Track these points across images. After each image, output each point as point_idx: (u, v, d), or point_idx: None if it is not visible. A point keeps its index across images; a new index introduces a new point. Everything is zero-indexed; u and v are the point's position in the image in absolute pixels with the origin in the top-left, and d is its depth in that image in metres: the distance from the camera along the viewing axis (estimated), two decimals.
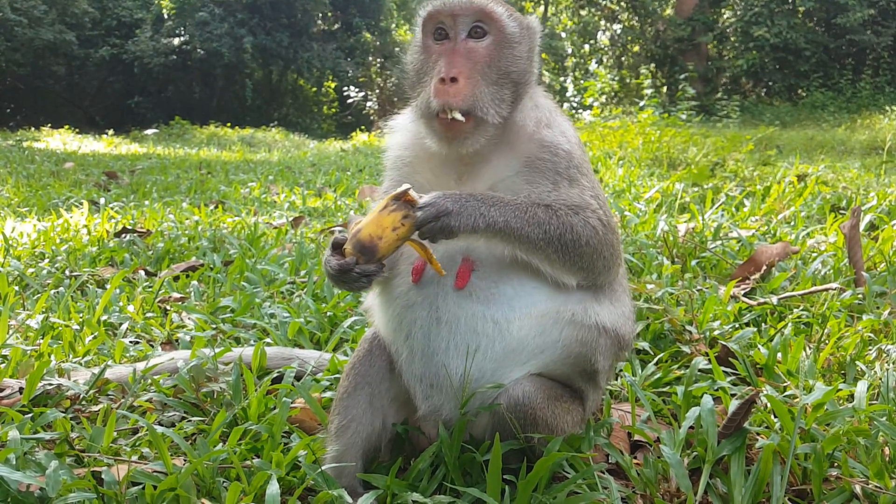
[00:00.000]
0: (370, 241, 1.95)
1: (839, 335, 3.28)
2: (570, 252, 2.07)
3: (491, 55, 2.14)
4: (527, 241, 2.05)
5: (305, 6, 41.25)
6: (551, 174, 2.15)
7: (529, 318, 2.12)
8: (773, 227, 5.76)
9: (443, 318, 2.13)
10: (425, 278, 2.15)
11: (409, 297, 2.18)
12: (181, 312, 3.94)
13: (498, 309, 2.11)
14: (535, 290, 2.14)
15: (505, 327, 2.11)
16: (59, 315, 3.79)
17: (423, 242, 2.04)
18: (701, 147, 12.58)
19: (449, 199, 1.99)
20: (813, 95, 32.99)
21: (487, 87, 2.12)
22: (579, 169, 2.19)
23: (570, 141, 2.22)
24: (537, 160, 2.17)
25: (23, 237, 5.95)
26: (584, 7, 42.21)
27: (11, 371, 3.00)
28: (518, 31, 2.21)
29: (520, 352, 2.14)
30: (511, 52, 2.18)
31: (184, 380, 2.79)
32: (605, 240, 2.13)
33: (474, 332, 2.11)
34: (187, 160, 16.17)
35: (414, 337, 2.17)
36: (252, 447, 2.39)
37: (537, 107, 2.27)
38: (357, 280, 2.02)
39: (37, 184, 10.58)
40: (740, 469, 2.21)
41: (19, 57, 37.40)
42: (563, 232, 2.06)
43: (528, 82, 2.24)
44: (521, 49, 2.21)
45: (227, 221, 6.90)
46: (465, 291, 2.12)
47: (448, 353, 2.13)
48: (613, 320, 2.25)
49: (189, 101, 41.19)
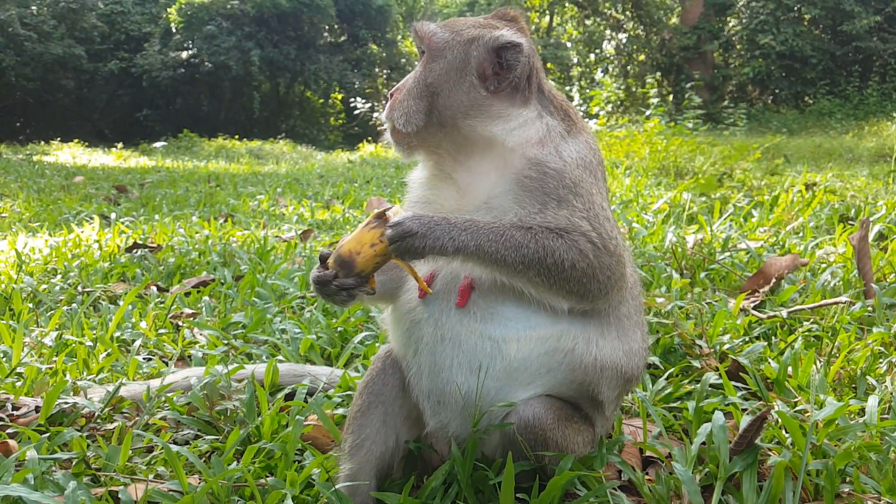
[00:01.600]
0: (349, 255, 2.04)
1: (849, 349, 3.28)
2: (553, 276, 2.05)
3: (422, 70, 2.27)
4: (504, 265, 2.05)
5: (312, 19, 41.51)
6: (539, 194, 2.13)
7: (529, 341, 2.12)
8: (781, 238, 5.76)
9: (446, 336, 2.15)
10: (429, 297, 2.18)
11: (416, 313, 2.22)
12: (193, 328, 3.97)
13: (496, 328, 2.12)
14: (535, 313, 2.13)
15: (504, 347, 2.12)
16: (72, 332, 3.82)
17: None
18: (708, 156, 12.57)
19: (416, 220, 2.04)
20: (820, 103, 32.94)
21: (407, 99, 2.24)
22: (572, 189, 2.13)
23: (565, 160, 2.17)
24: (525, 178, 2.15)
25: (35, 253, 6.00)
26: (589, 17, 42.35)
27: (27, 389, 3.03)
28: (443, 44, 2.25)
29: (522, 371, 2.15)
30: (433, 64, 2.25)
31: (197, 398, 2.81)
32: (598, 263, 2.07)
33: (475, 350, 2.13)
34: (196, 173, 16.27)
35: (421, 353, 2.20)
36: (266, 465, 2.41)
37: (528, 124, 2.22)
38: (336, 293, 2.09)
39: (47, 198, 10.67)
40: (752, 486, 2.22)
41: (29, 71, 37.73)
42: (543, 256, 2.03)
43: (456, 93, 2.22)
44: (443, 62, 2.23)
45: (236, 235, 6.94)
46: (466, 310, 2.14)
47: (452, 371, 2.15)
48: (617, 357, 2.21)
49: (197, 114, 41.45)
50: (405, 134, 2.26)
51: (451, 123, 2.23)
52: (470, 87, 2.21)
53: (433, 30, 2.28)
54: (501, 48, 2.19)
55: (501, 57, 2.20)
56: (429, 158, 2.34)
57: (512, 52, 2.19)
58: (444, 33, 2.27)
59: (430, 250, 2.03)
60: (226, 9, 40.26)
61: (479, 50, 2.21)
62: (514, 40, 2.19)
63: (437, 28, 2.29)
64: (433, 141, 2.27)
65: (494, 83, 2.21)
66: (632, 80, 38.78)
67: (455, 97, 2.22)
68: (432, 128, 2.24)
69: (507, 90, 2.22)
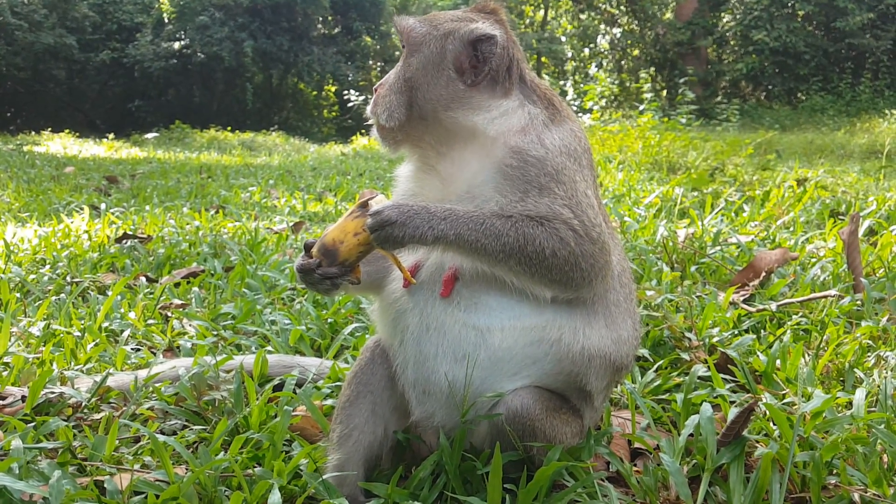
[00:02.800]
0: (332, 244, 2.05)
1: (838, 342, 3.29)
2: (534, 265, 2.05)
3: (401, 65, 2.30)
4: (484, 254, 2.05)
5: (306, 10, 41.36)
6: (520, 182, 2.13)
7: (514, 331, 2.13)
8: (772, 232, 5.78)
9: (431, 326, 2.16)
10: (415, 285, 2.19)
11: (401, 303, 2.23)
12: (182, 319, 3.96)
13: (480, 318, 2.13)
14: (519, 303, 2.13)
15: (488, 336, 2.13)
16: (60, 322, 3.80)
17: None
18: (701, 151, 12.59)
19: (395, 209, 2.04)
20: (812, 99, 33.02)
21: (389, 94, 2.27)
22: (554, 177, 2.13)
23: (547, 147, 2.17)
24: (505, 167, 2.16)
25: (24, 243, 5.96)
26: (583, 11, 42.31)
27: (13, 379, 3.02)
28: (421, 39, 2.26)
29: (507, 361, 2.15)
30: (411, 59, 2.27)
31: (185, 388, 2.80)
32: (580, 251, 2.07)
33: (459, 339, 2.14)
34: (188, 164, 16.20)
35: (406, 343, 2.20)
36: (254, 456, 2.40)
37: (509, 114, 2.23)
38: (320, 282, 2.11)
39: (37, 188, 10.60)
40: (739, 477, 2.22)
41: (20, 61, 37.49)
42: (523, 244, 2.03)
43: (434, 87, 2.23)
44: (420, 56, 2.25)
45: (227, 227, 6.91)
46: (450, 299, 2.15)
47: (437, 360, 2.16)
48: (605, 346, 2.21)
49: (189, 105, 41.26)
50: (389, 129, 2.28)
51: (431, 116, 2.24)
52: (448, 80, 2.23)
53: (412, 24, 2.29)
54: (476, 41, 2.21)
55: (477, 49, 2.21)
56: (413, 152, 2.36)
57: (487, 44, 2.21)
58: (422, 27, 2.28)
59: (409, 239, 2.04)
60: None
61: (454, 43, 2.23)
62: (489, 32, 2.20)
63: (416, 22, 2.30)
64: (416, 134, 2.28)
65: (472, 76, 2.22)
66: (626, 75, 38.80)
67: (434, 91, 2.23)
68: (414, 121, 2.26)
69: (485, 82, 2.23)
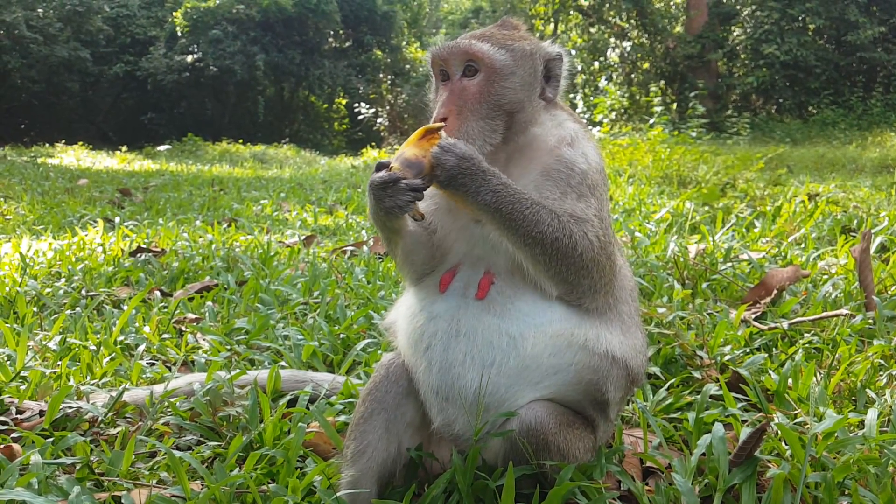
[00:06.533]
0: (416, 158, 2.09)
1: (850, 361, 3.29)
2: (559, 258, 2.11)
3: (481, 91, 2.27)
4: (516, 232, 2.10)
5: (317, 24, 41.65)
6: (562, 185, 2.22)
7: (544, 337, 2.17)
8: (783, 249, 5.77)
9: (462, 331, 2.19)
10: (450, 290, 2.24)
11: (433, 308, 2.25)
12: (196, 334, 3.99)
13: (513, 324, 2.17)
14: (549, 308, 2.19)
15: (520, 343, 2.16)
16: (76, 336, 3.84)
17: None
18: (711, 165, 12.58)
19: (458, 157, 2.07)
20: (823, 113, 32.91)
21: (476, 121, 2.24)
22: (591, 188, 2.25)
23: (590, 163, 2.28)
24: (552, 171, 2.25)
25: (39, 256, 6.02)
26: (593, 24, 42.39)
27: (31, 393, 3.05)
28: (510, 62, 2.28)
29: (534, 369, 2.18)
30: (501, 84, 2.27)
31: (200, 403, 2.83)
32: (597, 260, 2.16)
33: (490, 345, 2.16)
34: (200, 177, 16.32)
35: (433, 349, 2.22)
36: (268, 472, 2.42)
37: (561, 126, 2.36)
38: (403, 193, 2.10)
39: (51, 201, 10.71)
40: (751, 497, 2.23)
41: (34, 73, 37.90)
42: (560, 236, 2.10)
43: (528, 105, 2.31)
44: (515, 79, 2.29)
45: (239, 240, 6.96)
46: (484, 305, 2.19)
47: (464, 366, 2.18)
48: (623, 351, 2.28)
49: (201, 118, 41.57)
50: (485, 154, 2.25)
51: (514, 137, 2.32)
52: (535, 99, 2.34)
53: (490, 49, 2.28)
54: (552, 60, 2.36)
55: (549, 68, 2.37)
56: None
57: (559, 62, 2.37)
58: (503, 52, 2.29)
59: (452, 183, 2.08)
60: (231, 13, 40.41)
61: (540, 63, 2.35)
62: (560, 52, 2.37)
63: (492, 48, 2.29)
64: (491, 160, 2.24)
65: (550, 92, 2.37)
66: (636, 88, 38.78)
67: (528, 111, 2.32)
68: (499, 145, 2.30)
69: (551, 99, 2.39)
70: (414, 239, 2.34)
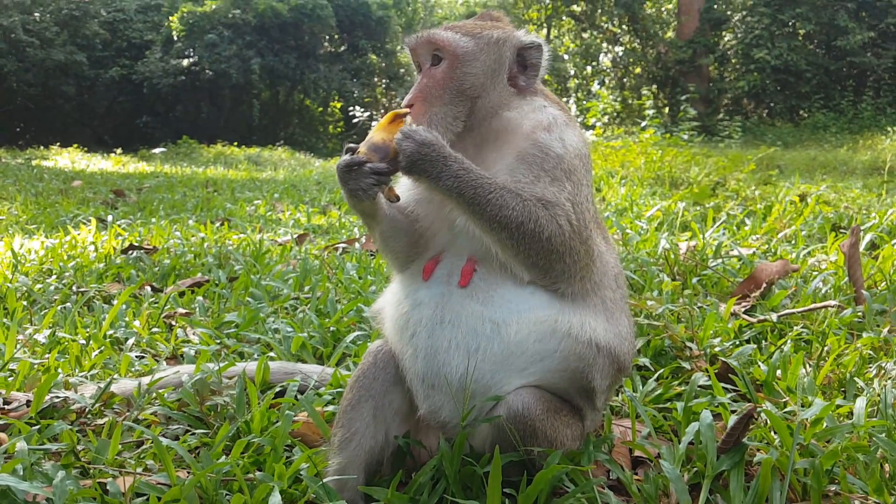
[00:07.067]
0: (383, 142, 2.15)
1: (839, 352, 3.29)
2: (526, 242, 2.11)
3: (445, 77, 2.31)
4: (481, 217, 2.11)
5: (313, 28, 41.66)
6: (536, 169, 2.21)
7: (527, 324, 2.17)
8: (773, 245, 5.78)
9: (446, 318, 2.19)
10: (433, 278, 2.25)
11: (417, 296, 2.26)
12: (186, 328, 3.98)
13: (496, 310, 2.17)
14: (532, 295, 2.19)
15: (503, 329, 2.16)
16: (66, 330, 3.83)
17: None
18: (703, 167, 12.60)
19: (417, 142, 2.10)
20: (815, 116, 33.05)
21: (440, 107, 2.28)
22: (567, 173, 2.23)
23: (566, 147, 2.27)
24: (527, 155, 2.24)
25: (31, 254, 6.00)
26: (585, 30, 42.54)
27: (19, 385, 3.04)
28: (472, 49, 2.32)
29: (519, 356, 2.18)
30: (463, 70, 2.31)
31: (188, 393, 2.82)
32: (569, 244, 2.15)
33: (474, 332, 2.17)
34: (194, 178, 16.28)
35: (418, 336, 2.22)
36: (255, 460, 2.41)
37: (539, 111, 2.34)
38: (367, 176, 2.15)
39: (45, 201, 10.67)
40: (739, 484, 2.23)
41: (30, 77, 37.85)
42: (524, 220, 2.10)
43: (492, 91, 2.33)
44: (478, 65, 2.32)
45: (232, 238, 6.95)
46: (467, 292, 2.19)
47: (449, 352, 2.18)
48: (608, 339, 2.27)
49: (197, 121, 41.52)
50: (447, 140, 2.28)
51: (479, 125, 2.33)
52: (503, 86, 2.36)
53: (453, 36, 2.34)
54: (524, 48, 2.36)
55: (523, 56, 2.37)
56: None
57: (536, 52, 2.38)
58: (468, 39, 2.34)
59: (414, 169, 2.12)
60: (227, 18, 40.42)
61: (509, 50, 2.36)
62: (537, 41, 2.37)
63: (456, 35, 2.34)
64: (458, 145, 2.28)
65: (522, 81, 2.37)
66: (628, 92, 38.92)
67: (494, 97, 2.33)
68: (463, 132, 2.32)
69: (528, 87, 2.39)
70: (392, 224, 2.36)
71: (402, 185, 2.43)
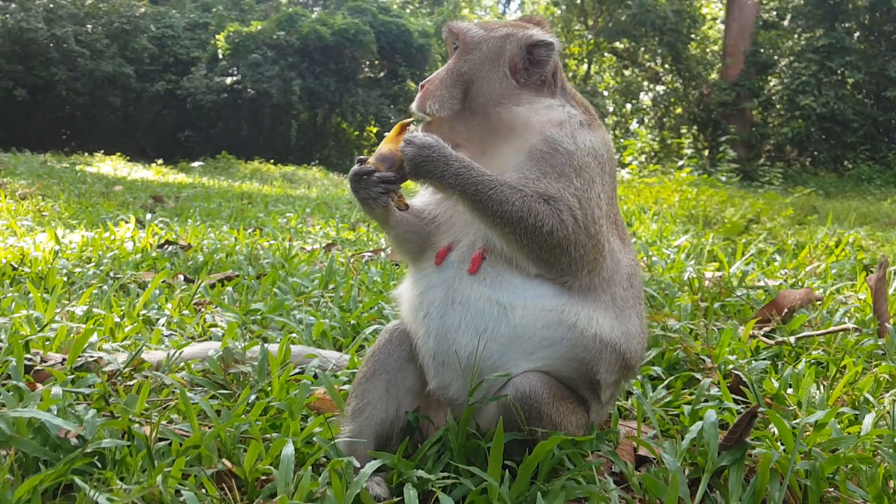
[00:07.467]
0: (389, 152, 2.31)
1: (855, 377, 3.28)
2: (528, 236, 2.19)
3: (455, 62, 2.46)
4: (484, 213, 2.21)
5: (354, 53, 42.38)
6: (543, 165, 2.29)
7: (534, 309, 2.25)
8: (801, 279, 5.75)
9: (456, 300, 2.29)
10: (446, 263, 2.35)
11: (430, 279, 2.37)
12: (215, 314, 4.11)
13: (503, 294, 2.26)
14: (540, 284, 2.27)
15: (510, 312, 2.24)
16: (101, 307, 3.98)
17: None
18: (739, 208, 12.48)
19: (417, 146, 2.24)
20: (859, 168, 32.59)
21: (442, 88, 2.42)
22: (576, 169, 2.28)
23: (578, 144, 2.32)
24: (536, 151, 2.32)
25: (71, 244, 6.22)
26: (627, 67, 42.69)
27: (56, 347, 3.18)
28: (478, 39, 2.45)
29: (526, 339, 2.25)
30: (466, 56, 2.45)
31: (213, 361, 2.94)
32: (574, 238, 2.21)
33: (482, 313, 2.26)
34: (230, 191, 16.61)
35: (431, 316, 2.32)
36: (272, 423, 2.51)
37: (553, 109, 2.41)
38: (375, 185, 2.31)
39: (87, 202, 10.97)
40: (738, 480, 2.26)
41: (79, 86, 38.97)
42: (524, 215, 2.18)
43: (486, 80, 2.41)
44: (478, 53, 2.44)
45: (263, 244, 7.11)
46: (477, 276, 2.28)
47: (459, 332, 2.27)
48: (615, 336, 2.32)
49: (236, 138, 42.31)
50: (438, 122, 2.42)
51: (481, 111, 2.42)
52: (502, 77, 2.42)
53: (468, 26, 2.50)
54: (533, 45, 2.41)
55: (532, 53, 2.42)
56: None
57: (544, 49, 2.41)
58: (479, 30, 2.48)
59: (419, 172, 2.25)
60: (272, 39, 41.33)
61: (512, 45, 2.43)
62: (547, 39, 2.41)
63: (472, 25, 2.50)
64: (462, 130, 2.43)
65: (524, 76, 2.42)
66: (667, 132, 38.81)
67: (488, 86, 2.41)
68: (464, 114, 2.42)
69: (535, 83, 2.43)
70: (405, 228, 2.49)
71: (420, 192, 2.56)
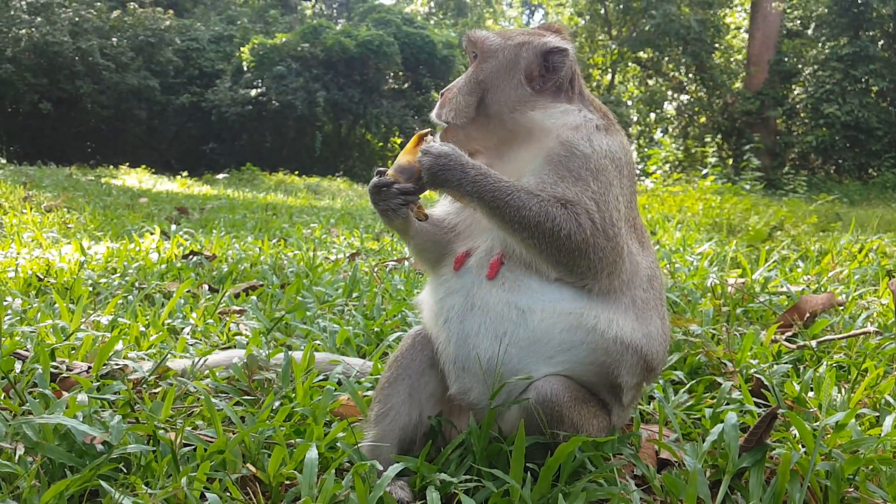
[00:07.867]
0: (408, 164, 2.33)
1: (876, 380, 3.27)
2: (546, 241, 2.21)
3: (473, 71, 2.51)
4: (502, 219, 2.24)
5: (378, 65, 42.64)
6: (560, 168, 2.31)
7: (552, 313, 2.26)
8: (824, 284, 5.72)
9: (476, 305, 2.31)
10: (464, 268, 2.38)
11: (449, 284, 2.40)
12: (239, 322, 4.17)
13: (522, 298, 2.28)
14: (558, 288, 2.29)
15: (529, 316, 2.27)
16: (127, 317, 4.05)
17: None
18: (763, 215, 12.40)
19: (434, 155, 2.27)
20: (884, 175, 32.22)
21: (458, 95, 2.48)
22: (593, 172, 2.30)
23: (594, 147, 2.35)
24: (553, 155, 2.35)
25: (97, 256, 6.32)
26: (651, 77, 42.57)
27: (81, 356, 3.25)
28: (495, 47, 2.50)
29: (545, 343, 2.27)
30: (483, 64, 2.50)
31: (237, 368, 2.98)
32: (592, 241, 2.22)
33: (501, 317, 2.28)
34: (255, 202, 16.78)
35: (451, 321, 2.35)
36: (296, 430, 2.55)
37: (569, 113, 2.44)
38: (395, 196, 2.34)
39: (112, 214, 11.14)
40: (759, 481, 2.27)
41: (104, 99, 39.58)
42: (542, 220, 2.20)
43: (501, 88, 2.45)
44: (494, 62, 2.48)
45: (288, 253, 7.18)
46: (495, 281, 2.31)
47: (479, 337, 2.30)
48: (636, 338, 2.34)
49: (261, 150, 42.69)
50: (455, 129, 2.47)
51: (497, 117, 2.46)
52: (518, 84, 2.46)
53: (486, 35, 2.55)
54: (549, 52, 2.45)
55: (548, 60, 2.46)
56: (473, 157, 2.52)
57: (558, 56, 2.45)
58: (497, 38, 2.53)
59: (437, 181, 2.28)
60: (296, 51, 41.71)
61: (528, 52, 2.47)
62: (561, 45, 2.46)
63: (490, 34, 2.55)
64: (479, 136, 2.48)
65: (540, 83, 2.46)
66: (691, 141, 38.63)
67: (503, 92, 2.46)
68: (480, 119, 2.47)
69: (551, 90, 2.47)
70: (425, 238, 2.53)
71: (439, 202, 2.61)
